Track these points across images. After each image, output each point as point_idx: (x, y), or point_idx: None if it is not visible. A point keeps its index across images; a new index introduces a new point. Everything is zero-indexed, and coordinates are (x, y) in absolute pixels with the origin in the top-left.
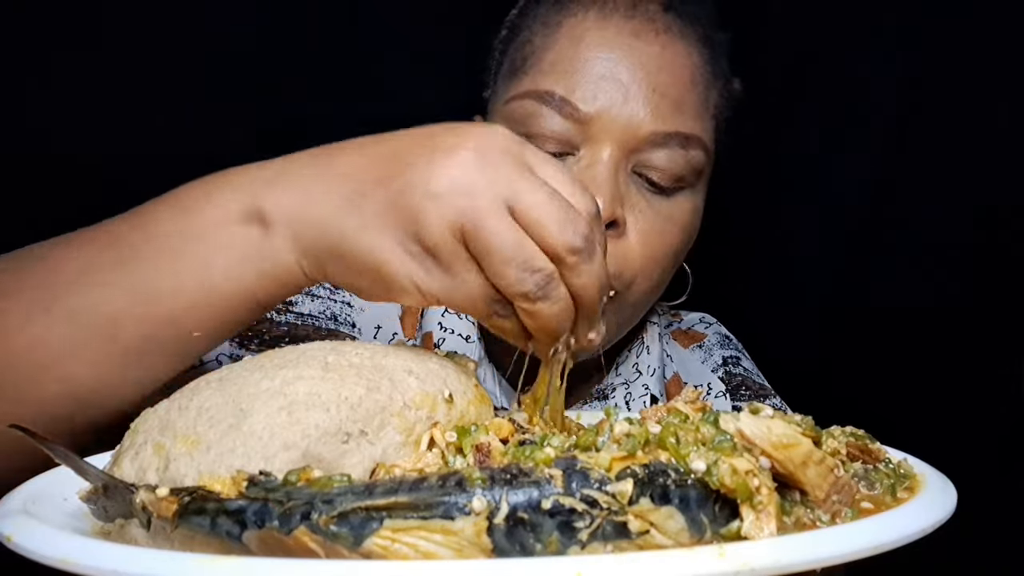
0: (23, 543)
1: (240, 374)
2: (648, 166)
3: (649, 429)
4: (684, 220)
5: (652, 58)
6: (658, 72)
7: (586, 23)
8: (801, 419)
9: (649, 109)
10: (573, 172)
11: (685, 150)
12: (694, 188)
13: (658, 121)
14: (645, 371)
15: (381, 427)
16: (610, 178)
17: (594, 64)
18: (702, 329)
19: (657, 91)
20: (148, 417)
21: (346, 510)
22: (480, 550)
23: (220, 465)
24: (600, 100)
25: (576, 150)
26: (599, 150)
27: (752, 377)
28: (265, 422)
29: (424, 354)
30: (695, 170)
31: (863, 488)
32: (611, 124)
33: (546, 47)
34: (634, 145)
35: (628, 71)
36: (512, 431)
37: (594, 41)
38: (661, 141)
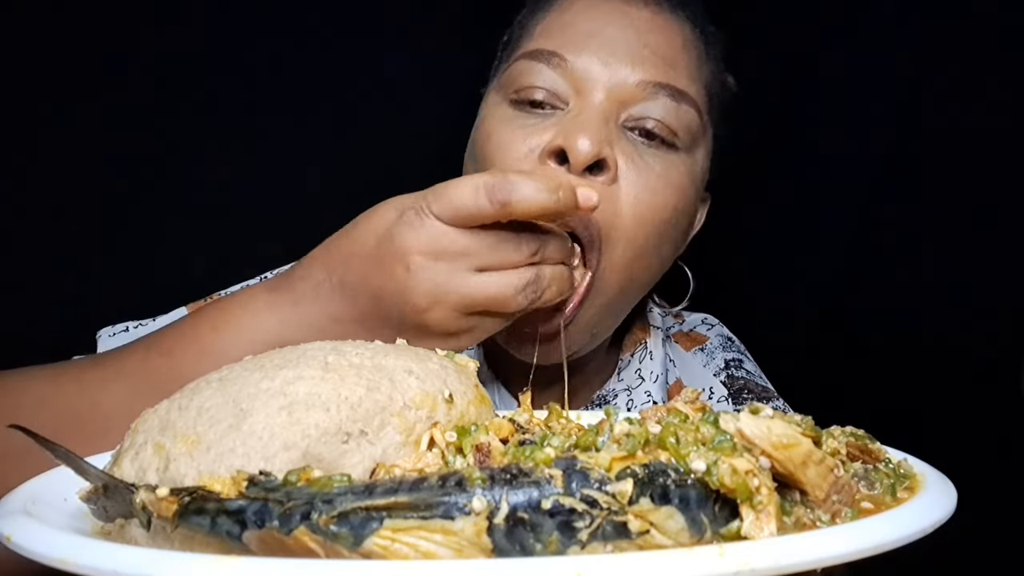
0: (23, 543)
1: (240, 374)
2: (641, 116)
3: (649, 429)
4: (678, 181)
5: (643, 20)
6: (648, 32)
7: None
8: (801, 419)
9: (639, 61)
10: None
11: (677, 104)
12: (689, 152)
13: (649, 72)
14: (648, 377)
15: (381, 427)
16: (598, 121)
17: (583, 23)
18: (704, 331)
19: (648, 47)
20: (148, 417)
21: (346, 510)
22: (480, 550)
23: (220, 465)
24: (588, 52)
25: (566, 103)
26: (588, 99)
27: (755, 380)
28: (265, 422)
29: (424, 354)
30: (688, 129)
31: (863, 488)
32: (598, 74)
33: (537, 21)
34: (623, 96)
35: (618, 29)
36: (512, 431)
37: (583, 7)
38: (652, 92)
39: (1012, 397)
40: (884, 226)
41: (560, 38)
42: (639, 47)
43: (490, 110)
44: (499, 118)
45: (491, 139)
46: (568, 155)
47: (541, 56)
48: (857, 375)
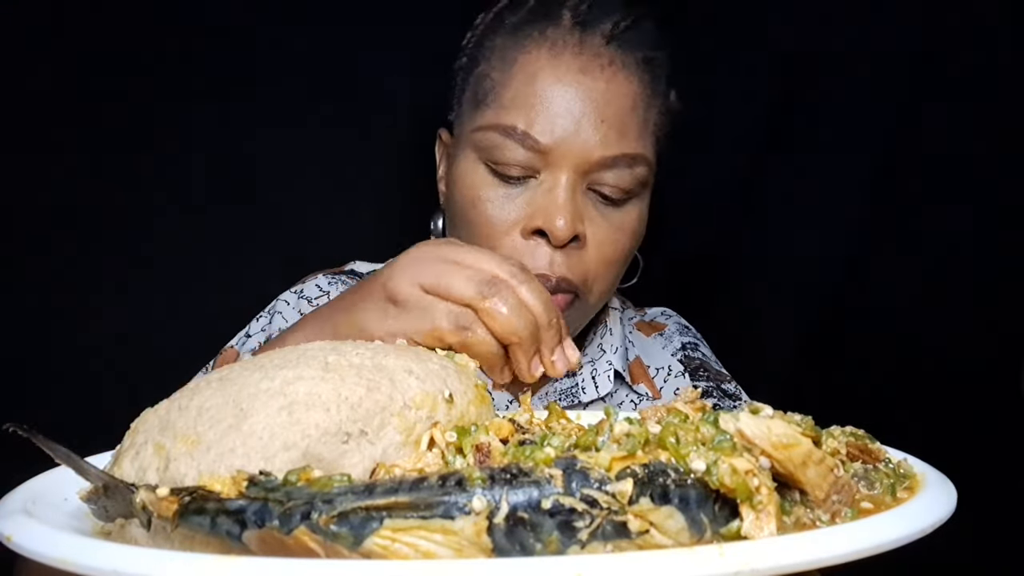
0: (23, 543)
1: (240, 374)
2: (600, 183)
3: (649, 429)
4: (632, 227)
5: (599, 92)
6: (605, 105)
7: (540, 61)
8: (801, 419)
9: (598, 137)
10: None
11: (631, 168)
12: (640, 197)
13: (606, 147)
14: (608, 349)
15: (381, 427)
16: (570, 199)
17: (549, 100)
18: (663, 320)
19: (605, 122)
20: (148, 417)
21: (346, 510)
22: (480, 550)
23: (220, 465)
24: (556, 132)
25: (537, 173)
26: (558, 175)
27: (709, 362)
28: (265, 422)
29: (425, 354)
30: (640, 183)
31: (863, 488)
32: (567, 152)
33: (504, 83)
34: (587, 168)
35: (579, 104)
36: (512, 431)
37: (548, 78)
38: (610, 163)
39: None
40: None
41: (530, 115)
42: (598, 122)
43: (469, 170)
44: (480, 184)
45: (477, 207)
46: (549, 235)
47: (514, 135)
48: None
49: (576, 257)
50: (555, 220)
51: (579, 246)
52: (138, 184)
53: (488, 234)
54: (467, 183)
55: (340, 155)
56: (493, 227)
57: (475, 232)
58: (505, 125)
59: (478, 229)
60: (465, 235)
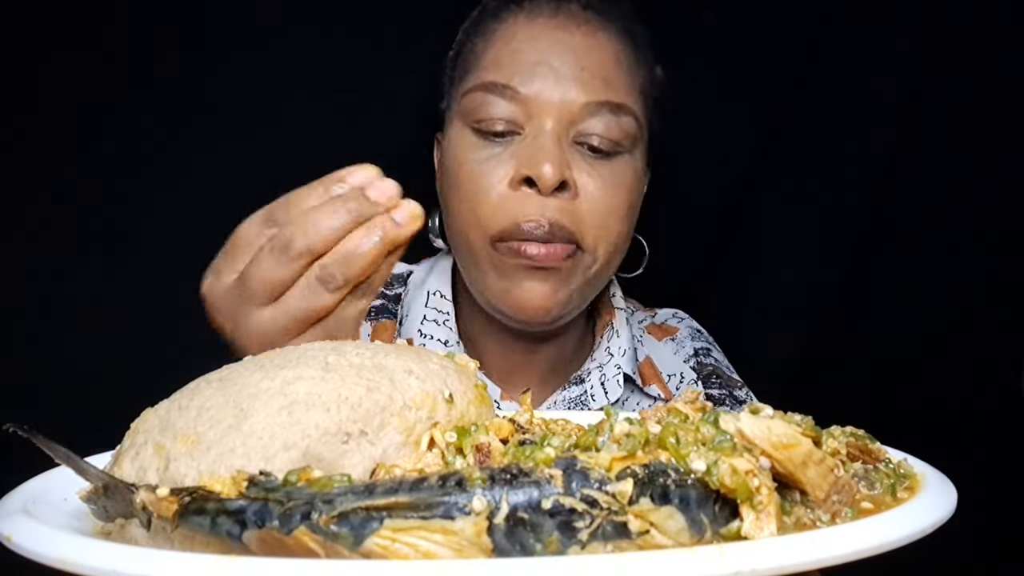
0: (23, 543)
1: (240, 374)
2: (587, 134)
3: (649, 429)
4: (626, 181)
5: (578, 44)
6: (585, 55)
7: (516, 25)
8: (801, 419)
9: (580, 84)
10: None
11: (617, 116)
12: (632, 154)
13: (590, 93)
14: (616, 352)
15: (381, 427)
16: (554, 146)
17: (527, 54)
18: (675, 323)
19: (586, 70)
20: (148, 417)
21: (346, 510)
22: (480, 550)
23: (220, 465)
24: (536, 82)
25: (522, 129)
26: (541, 125)
27: (722, 368)
28: (265, 422)
29: (425, 354)
30: (629, 135)
31: (863, 488)
32: (549, 100)
33: (485, 50)
34: (571, 117)
35: (558, 56)
36: (512, 431)
37: (525, 37)
38: (595, 110)
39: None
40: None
41: (510, 69)
42: (578, 71)
43: (456, 139)
44: (465, 147)
45: (463, 169)
46: (536, 182)
47: (495, 89)
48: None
49: (569, 207)
50: (541, 166)
51: (570, 196)
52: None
53: (475, 191)
54: (454, 152)
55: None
56: (480, 184)
57: (463, 193)
58: (486, 82)
59: (465, 188)
60: (455, 201)
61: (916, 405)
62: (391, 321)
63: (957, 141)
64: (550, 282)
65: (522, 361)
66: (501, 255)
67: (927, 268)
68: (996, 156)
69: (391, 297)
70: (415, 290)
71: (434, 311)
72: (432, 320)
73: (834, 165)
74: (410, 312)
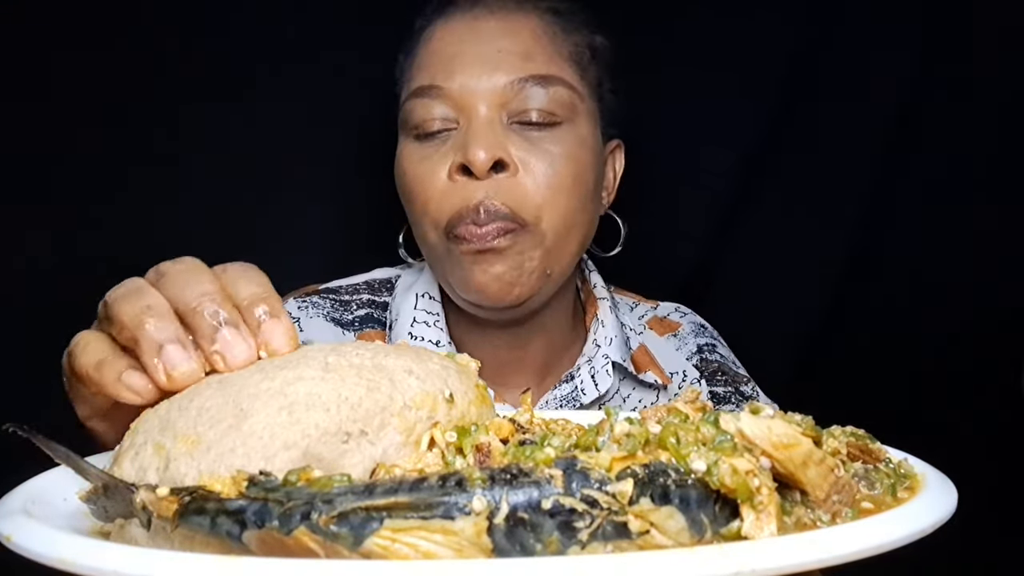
0: (23, 543)
1: (240, 374)
2: (520, 111)
3: (649, 429)
4: (569, 151)
5: (492, 29)
6: (500, 37)
7: (435, 29)
8: (801, 419)
9: (500, 66)
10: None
11: (545, 88)
12: (572, 123)
13: (511, 72)
14: (603, 343)
15: (381, 427)
16: (485, 129)
17: (445, 52)
18: (677, 318)
19: (503, 51)
20: (148, 417)
21: (346, 510)
22: (480, 550)
23: (220, 465)
24: (457, 75)
25: (457, 123)
26: (471, 114)
27: (728, 364)
28: (265, 422)
29: (426, 354)
30: (563, 104)
31: (863, 488)
32: (474, 89)
33: (412, 60)
34: (499, 100)
35: (472, 45)
36: (512, 431)
37: (443, 36)
38: (520, 86)
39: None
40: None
41: (432, 69)
42: (495, 53)
43: (403, 152)
44: (408, 155)
45: (407, 175)
46: (470, 167)
47: (422, 92)
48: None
49: (510, 185)
50: (473, 150)
51: (510, 173)
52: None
53: (422, 190)
54: (403, 164)
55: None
56: (424, 183)
57: (413, 196)
58: (414, 89)
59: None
60: (409, 207)
61: (916, 405)
62: (376, 331)
63: (957, 141)
64: (500, 263)
65: (511, 360)
66: (455, 243)
67: (927, 268)
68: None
69: (378, 304)
70: (403, 294)
71: (424, 312)
72: (422, 322)
73: (835, 164)
74: (399, 315)
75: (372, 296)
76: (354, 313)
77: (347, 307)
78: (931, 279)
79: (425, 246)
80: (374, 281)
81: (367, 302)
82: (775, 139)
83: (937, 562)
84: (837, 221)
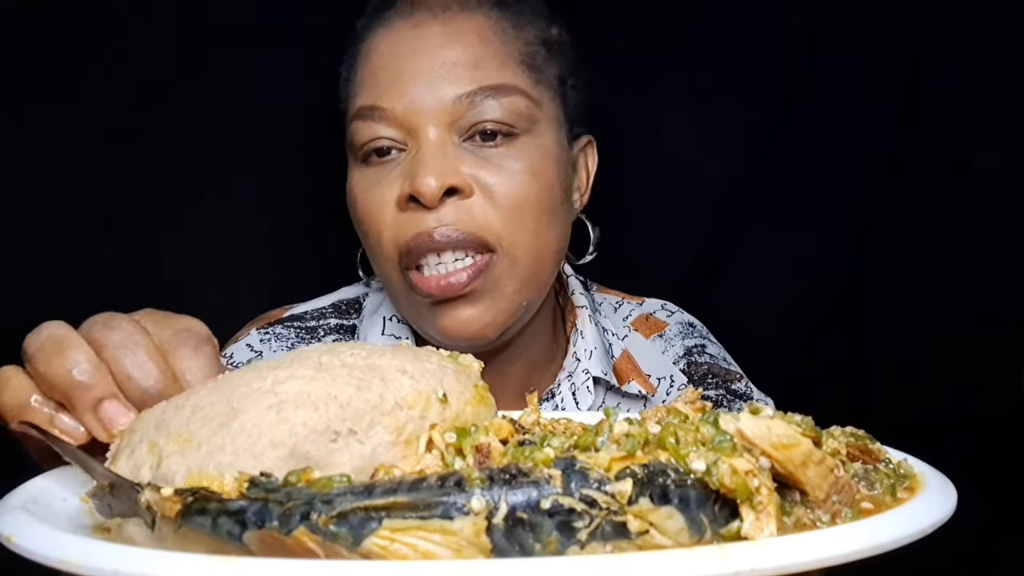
0: (23, 543)
1: (237, 374)
2: (472, 126)
3: (649, 429)
4: (531, 164)
5: (435, 38)
6: (445, 47)
7: (376, 39)
8: (801, 419)
9: (446, 80)
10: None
11: (497, 99)
12: (531, 133)
13: (459, 85)
14: (583, 356)
15: (371, 426)
16: (435, 155)
17: (388, 68)
18: (663, 317)
19: (447, 62)
20: (146, 416)
21: (345, 510)
22: (479, 550)
23: (209, 463)
24: (402, 93)
25: (406, 144)
26: (421, 135)
27: (719, 363)
28: (255, 420)
29: (424, 354)
30: (519, 115)
31: (863, 488)
32: (420, 108)
33: (354, 73)
34: (449, 118)
35: (416, 59)
36: (512, 431)
37: (385, 50)
38: (469, 101)
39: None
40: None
41: (375, 89)
42: (439, 66)
43: (351, 175)
44: (357, 181)
45: (357, 203)
46: (419, 198)
47: (365, 113)
48: (857, 375)
49: (466, 208)
50: (421, 179)
51: (465, 196)
52: None
53: (373, 221)
54: (352, 190)
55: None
56: (374, 213)
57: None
58: (358, 109)
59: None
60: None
61: (916, 405)
62: None
63: (958, 141)
64: (475, 304)
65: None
66: (414, 293)
67: (927, 268)
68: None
69: (347, 328)
70: (369, 317)
71: (391, 338)
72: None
73: (835, 164)
74: (367, 339)
75: (340, 320)
76: (321, 340)
77: (313, 334)
78: (931, 279)
79: (383, 281)
80: (341, 303)
81: (335, 327)
82: (775, 139)
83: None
84: (837, 221)
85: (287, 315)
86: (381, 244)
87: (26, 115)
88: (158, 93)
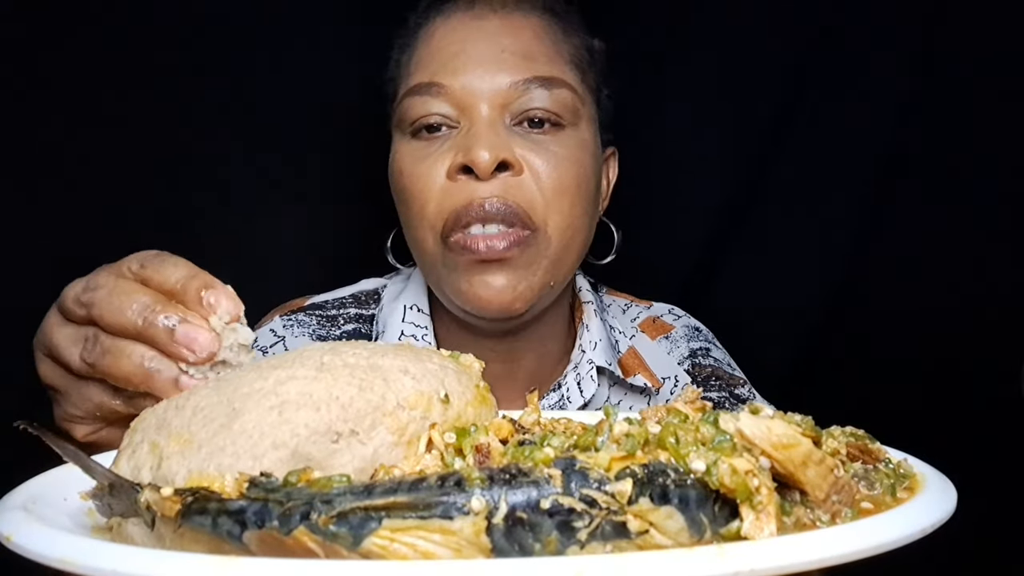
0: (23, 543)
1: (237, 374)
2: (523, 112)
3: (649, 429)
4: (574, 154)
5: (494, 28)
6: (502, 36)
7: (435, 26)
8: (801, 419)
9: (503, 66)
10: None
11: (548, 90)
12: (575, 127)
13: (515, 73)
14: (588, 348)
15: (372, 427)
16: (489, 131)
17: (447, 49)
18: (670, 320)
19: (506, 51)
20: (147, 416)
21: (345, 510)
22: (479, 550)
23: (210, 464)
24: (460, 73)
25: (457, 123)
26: (474, 114)
27: (723, 367)
28: (256, 421)
29: (426, 354)
30: (566, 107)
31: (863, 488)
32: (476, 88)
33: (410, 57)
34: (502, 100)
35: (475, 44)
36: (512, 431)
37: (444, 34)
38: (524, 88)
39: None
40: (885, 226)
41: (433, 67)
42: (498, 53)
43: (398, 150)
44: (405, 153)
45: (404, 175)
46: (473, 168)
47: (422, 89)
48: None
49: (515, 184)
50: (475, 150)
51: (514, 173)
52: None
53: (420, 190)
54: (398, 163)
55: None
56: (422, 182)
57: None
58: (414, 86)
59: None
60: (404, 208)
61: (916, 405)
62: None
63: (958, 141)
64: (509, 273)
65: (502, 373)
66: (454, 253)
67: (927, 268)
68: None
69: (366, 318)
70: (390, 305)
71: (412, 326)
72: (411, 335)
73: (836, 165)
74: (387, 328)
75: (359, 310)
76: (341, 328)
77: (334, 322)
78: (931, 279)
79: (419, 251)
80: (361, 293)
81: (354, 316)
82: (776, 140)
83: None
84: (837, 221)
85: (308, 303)
86: (425, 213)
87: (102, 110)
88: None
